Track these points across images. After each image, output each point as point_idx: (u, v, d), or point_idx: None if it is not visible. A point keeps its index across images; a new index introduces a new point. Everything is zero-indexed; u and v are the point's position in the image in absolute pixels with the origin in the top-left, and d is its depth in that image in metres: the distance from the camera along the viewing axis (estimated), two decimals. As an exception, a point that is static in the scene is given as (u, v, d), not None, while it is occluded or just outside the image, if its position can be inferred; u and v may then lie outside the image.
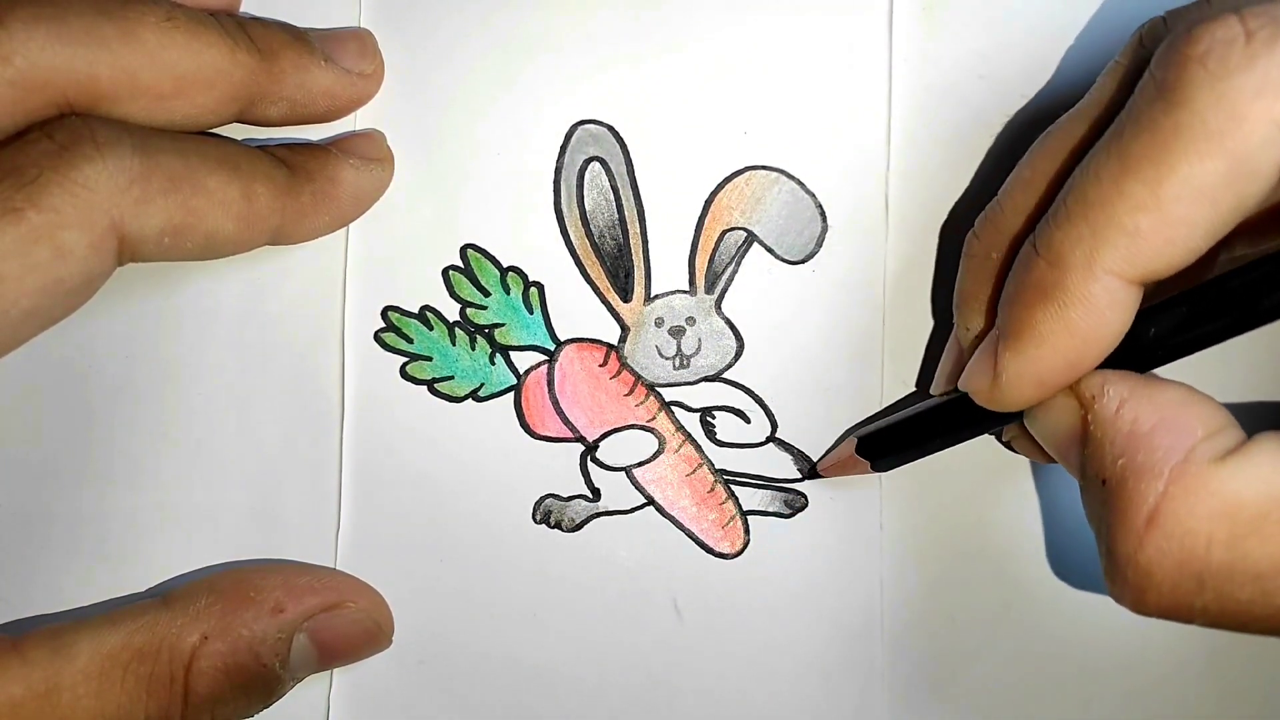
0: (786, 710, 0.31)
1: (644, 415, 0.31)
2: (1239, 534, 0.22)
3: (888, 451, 0.29)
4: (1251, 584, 0.22)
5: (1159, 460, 0.23)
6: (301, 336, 0.31)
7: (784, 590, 0.31)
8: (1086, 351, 0.24)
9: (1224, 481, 0.22)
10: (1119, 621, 0.31)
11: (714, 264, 0.31)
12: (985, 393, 0.26)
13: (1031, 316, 0.24)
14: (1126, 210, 0.23)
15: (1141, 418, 0.24)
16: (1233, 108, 0.22)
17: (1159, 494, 0.23)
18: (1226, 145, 0.22)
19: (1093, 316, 0.24)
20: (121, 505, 0.30)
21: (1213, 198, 0.22)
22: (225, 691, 0.27)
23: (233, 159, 0.27)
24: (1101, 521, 0.24)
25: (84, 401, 0.30)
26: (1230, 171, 0.22)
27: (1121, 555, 0.23)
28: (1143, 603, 0.23)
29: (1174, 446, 0.23)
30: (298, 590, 0.28)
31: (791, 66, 0.30)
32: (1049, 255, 0.24)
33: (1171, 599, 0.23)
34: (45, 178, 0.24)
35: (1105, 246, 0.23)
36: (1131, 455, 0.23)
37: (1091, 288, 0.24)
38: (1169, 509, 0.23)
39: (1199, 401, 0.24)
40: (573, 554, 0.31)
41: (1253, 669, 0.31)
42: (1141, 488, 0.23)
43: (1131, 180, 0.23)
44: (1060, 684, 0.31)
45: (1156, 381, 0.25)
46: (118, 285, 0.26)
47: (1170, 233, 0.23)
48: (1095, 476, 0.24)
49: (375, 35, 0.30)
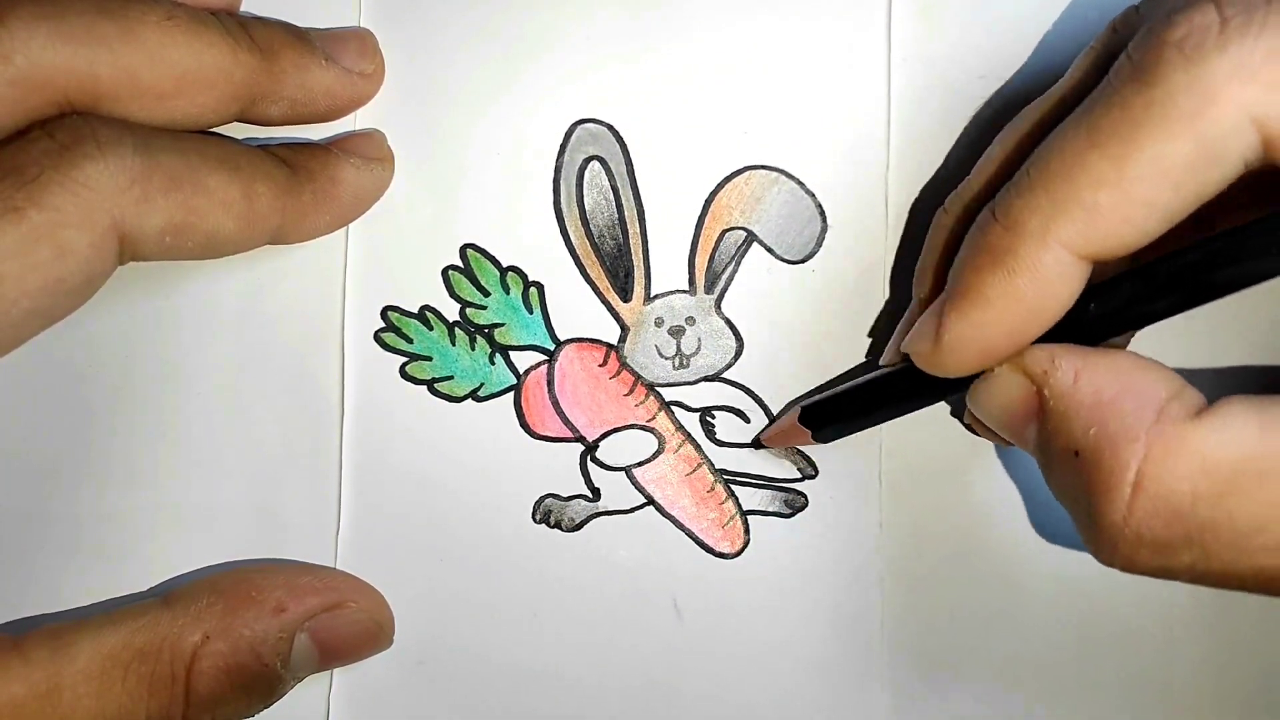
0: (786, 710, 0.31)
1: (644, 415, 0.31)
2: (1220, 491, 0.22)
3: (830, 420, 0.29)
4: (1236, 541, 0.23)
5: (1132, 424, 0.23)
6: (301, 336, 0.31)
7: (784, 590, 0.31)
8: (1030, 321, 0.24)
9: (1202, 440, 0.22)
10: (1119, 619, 0.31)
11: (714, 264, 0.31)
12: (927, 355, 0.26)
13: (979, 280, 0.24)
14: (1088, 184, 0.23)
15: (1103, 385, 0.24)
16: (1205, 90, 0.22)
17: (1140, 457, 0.23)
18: (1196, 128, 0.22)
19: (1039, 286, 0.24)
20: (121, 505, 0.30)
21: (1176, 180, 0.22)
22: (226, 691, 0.27)
23: (233, 158, 0.27)
24: (1079, 492, 0.24)
25: (84, 401, 0.30)
26: (1197, 154, 0.22)
27: (1110, 523, 0.23)
28: (1133, 565, 0.24)
29: (1143, 409, 0.23)
30: (299, 590, 0.28)
31: (791, 66, 0.30)
32: (1005, 221, 0.24)
33: (1162, 559, 0.23)
34: (46, 177, 0.24)
35: (1061, 218, 0.23)
36: (1103, 423, 0.23)
37: (1043, 257, 0.24)
38: (1152, 471, 0.23)
39: (1152, 365, 0.24)
40: (573, 554, 0.31)
41: (1254, 658, 0.31)
42: (1121, 453, 0.23)
43: (1096, 155, 0.23)
44: (1061, 682, 0.31)
45: (1105, 351, 0.25)
46: (118, 285, 0.26)
47: (1128, 211, 0.23)
48: (1064, 450, 0.24)
49: (375, 35, 0.30)
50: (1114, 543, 0.23)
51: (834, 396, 0.29)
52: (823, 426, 0.29)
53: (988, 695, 0.31)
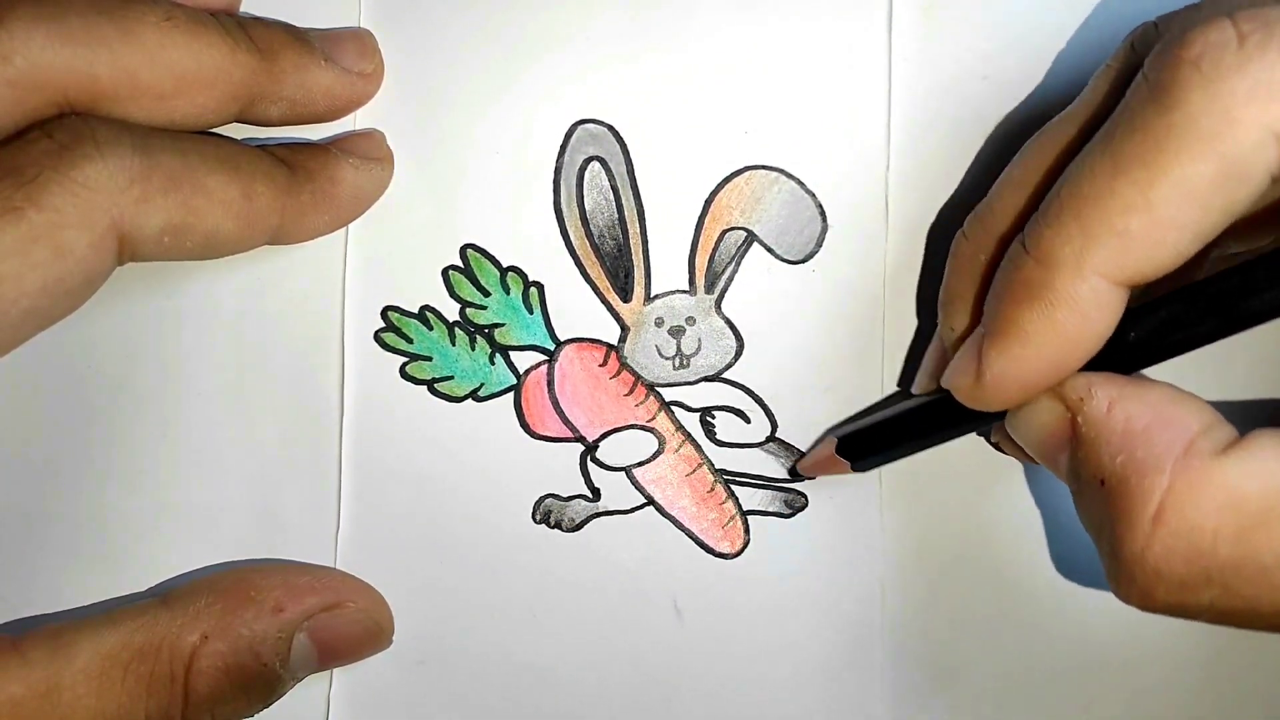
0: (786, 710, 0.31)
1: (644, 415, 0.31)
2: (1245, 527, 0.22)
3: (868, 452, 0.29)
4: (1258, 578, 0.22)
5: (1160, 455, 0.23)
6: (301, 336, 0.31)
7: (784, 590, 0.31)
8: (1072, 353, 0.24)
9: (1227, 474, 0.22)
10: (1120, 621, 0.31)
11: (714, 264, 0.31)
12: (968, 391, 0.26)
13: (1018, 315, 0.24)
14: (1117, 211, 0.23)
15: (1135, 416, 0.24)
16: (1225, 111, 0.22)
17: (1164, 489, 0.22)
18: (1218, 148, 0.22)
19: (1079, 317, 0.24)
20: (121, 505, 0.30)
21: (1203, 201, 0.22)
22: (226, 691, 0.27)
23: (233, 158, 0.27)
24: (1103, 522, 0.24)
25: (84, 401, 0.30)
26: (1221, 174, 0.22)
27: (1128, 554, 0.23)
28: (1151, 600, 0.23)
29: (1173, 441, 0.23)
30: (298, 590, 0.28)
31: (792, 66, 0.30)
32: (1037, 254, 0.24)
33: (1179, 596, 0.23)
34: (45, 177, 0.24)
35: (1094, 247, 0.23)
36: (1130, 452, 0.23)
37: (1079, 288, 0.23)
38: (1175, 504, 0.22)
39: (1188, 399, 0.24)
40: (573, 554, 0.31)
41: (1255, 668, 0.31)
42: (1145, 484, 0.23)
43: (1123, 181, 0.23)
44: (1062, 684, 0.31)
45: (1143, 381, 0.24)
46: (118, 285, 0.26)
47: (1160, 234, 0.23)
48: (1092, 478, 0.24)
49: (375, 35, 0.30)
50: (1132, 576, 0.23)
51: (871, 427, 0.29)
52: (861, 457, 0.29)
53: (987, 695, 0.31)
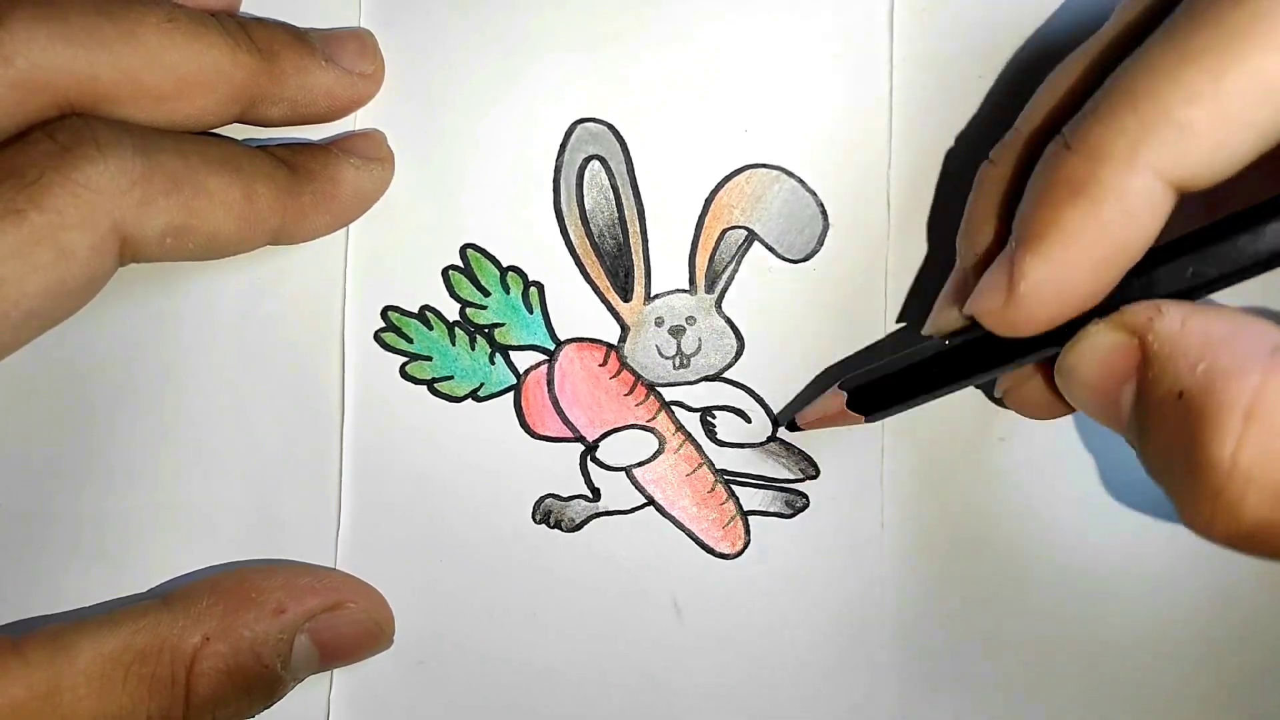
0: (787, 710, 0.31)
1: (644, 415, 0.31)
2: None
3: (883, 401, 0.28)
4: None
5: (1246, 358, 0.21)
6: (301, 336, 0.31)
7: (784, 590, 0.31)
8: (1115, 258, 0.23)
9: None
10: (1123, 619, 0.31)
11: (714, 263, 0.31)
12: (999, 312, 0.24)
13: (1058, 215, 0.23)
14: (1179, 101, 0.21)
15: (1213, 328, 0.22)
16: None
17: (1254, 387, 0.21)
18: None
19: (1127, 217, 0.22)
20: (121, 505, 0.30)
21: (1277, 99, 0.21)
22: (227, 692, 0.27)
23: (234, 159, 0.27)
24: (1181, 440, 0.22)
25: (84, 401, 0.30)
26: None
27: (1216, 461, 0.21)
28: (1239, 515, 0.21)
29: (1259, 345, 0.21)
30: (299, 590, 0.28)
31: (792, 65, 0.30)
32: (1084, 149, 0.22)
33: (1273, 504, 0.21)
34: (47, 179, 0.24)
35: (1152, 139, 0.22)
36: (1214, 359, 0.22)
37: (1131, 183, 0.22)
38: (1268, 402, 0.21)
39: (1260, 318, 0.22)
40: (573, 554, 0.31)
41: (1261, 658, 0.31)
42: (1234, 385, 0.21)
43: (1192, 69, 0.21)
44: (1065, 682, 0.31)
45: (1210, 304, 0.23)
46: (118, 286, 0.26)
47: (1225, 133, 0.21)
48: (1168, 394, 0.22)
49: (375, 35, 0.30)
50: (1218, 489, 0.21)
51: (885, 376, 0.28)
52: (872, 408, 0.28)
53: (990, 695, 0.31)
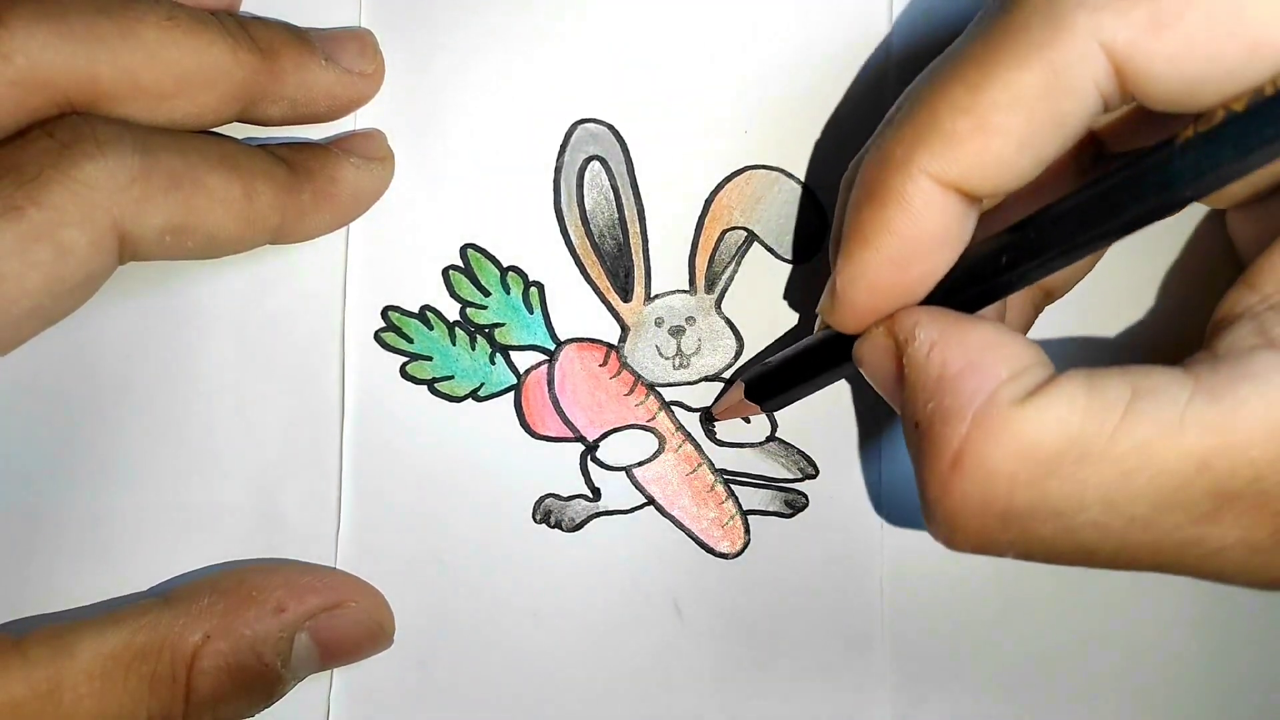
0: (786, 710, 0.31)
1: (644, 415, 0.31)
2: (1038, 475, 0.22)
3: (773, 392, 0.29)
4: (1053, 521, 0.22)
5: (963, 404, 0.23)
6: (301, 336, 0.31)
7: (784, 590, 0.31)
8: (910, 256, 0.24)
9: (1023, 423, 0.22)
10: (1122, 619, 0.31)
11: (714, 263, 0.31)
12: (829, 311, 0.26)
13: (858, 218, 0.24)
14: (945, 111, 0.23)
15: (950, 360, 0.23)
16: (1056, 18, 0.22)
17: (962, 437, 0.23)
18: (1046, 55, 0.22)
19: (909, 217, 0.24)
20: (121, 505, 0.30)
21: (1030, 109, 0.22)
22: (227, 691, 0.27)
23: (233, 158, 0.27)
24: (915, 465, 0.24)
25: (84, 401, 0.30)
26: (1048, 83, 0.22)
27: (930, 498, 0.23)
28: (952, 542, 0.24)
29: (979, 389, 0.23)
30: (299, 589, 0.28)
31: (791, 66, 0.30)
32: (876, 155, 0.24)
33: (978, 537, 0.23)
34: (46, 176, 0.24)
35: (922, 146, 0.23)
36: (940, 399, 0.23)
37: (907, 186, 0.23)
38: (970, 452, 0.22)
39: (1008, 342, 0.24)
40: (573, 554, 0.31)
41: (1257, 658, 0.31)
42: (946, 432, 0.23)
43: (955, 84, 0.23)
44: (1063, 682, 0.31)
45: (968, 321, 0.24)
46: (118, 284, 0.26)
47: (986, 141, 0.23)
48: (910, 419, 0.24)
49: (375, 35, 0.30)
50: (934, 518, 0.23)
51: (773, 369, 0.29)
52: (767, 397, 0.29)
53: (988, 696, 0.31)
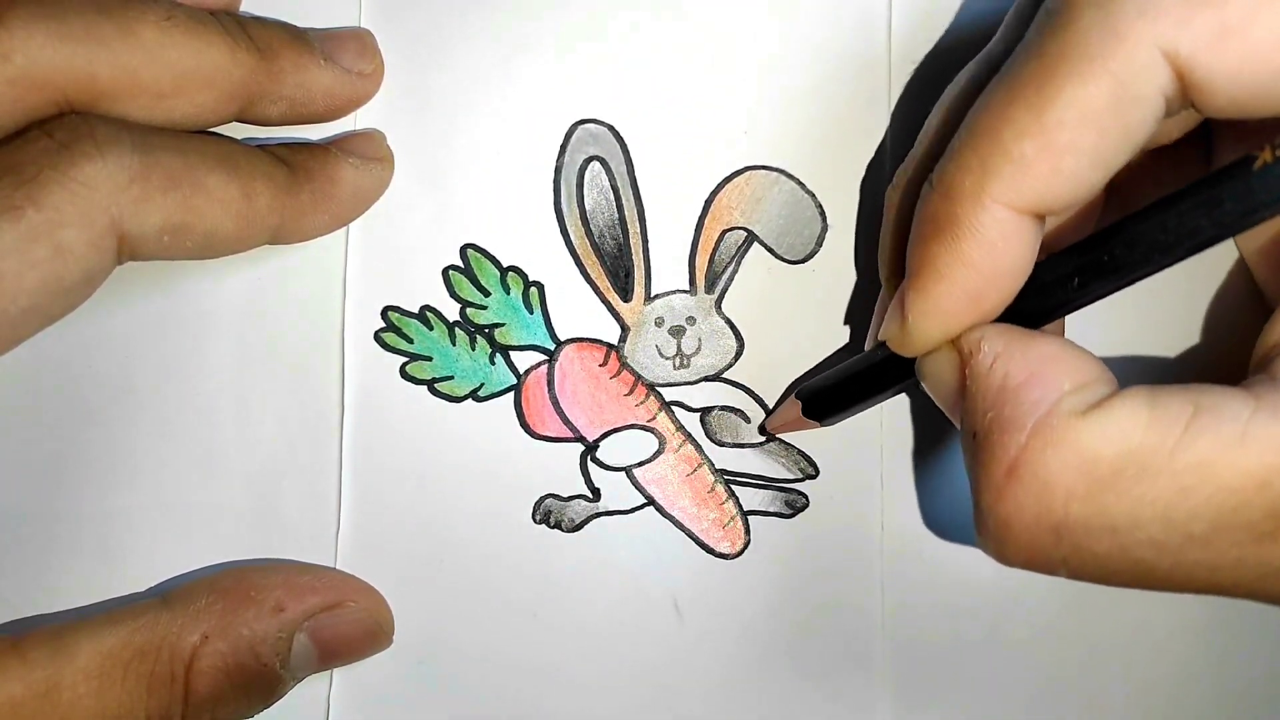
0: (786, 710, 0.31)
1: (644, 415, 0.31)
2: (1095, 489, 0.22)
3: (830, 408, 0.29)
4: (1108, 538, 0.22)
5: (1023, 414, 0.23)
6: (301, 336, 0.31)
7: (784, 590, 0.31)
8: (986, 287, 0.24)
9: (1082, 435, 0.22)
10: (1123, 620, 0.31)
11: (714, 264, 0.31)
12: (897, 339, 0.26)
13: (928, 252, 0.24)
14: (1012, 137, 0.23)
15: (1013, 372, 0.23)
16: (1115, 28, 0.22)
17: (1019, 446, 0.22)
18: (1109, 67, 0.22)
19: (985, 249, 0.24)
20: (121, 505, 0.30)
21: (1098, 124, 0.22)
22: (226, 691, 0.27)
23: (232, 158, 0.27)
24: (971, 474, 0.24)
25: (84, 401, 0.30)
26: (1114, 95, 0.22)
27: (983, 507, 0.23)
28: (1003, 554, 0.24)
29: (1040, 400, 0.23)
30: (299, 589, 0.28)
31: (791, 66, 0.30)
32: (941, 188, 0.24)
33: (1030, 551, 0.23)
34: (45, 176, 0.24)
35: (992, 175, 0.23)
36: (999, 409, 0.23)
37: (981, 218, 0.23)
38: (1027, 462, 0.22)
39: (1072, 355, 0.24)
40: (573, 554, 0.31)
41: (1259, 664, 0.31)
42: (1005, 440, 0.23)
43: (1017, 106, 0.23)
44: (1063, 684, 0.31)
45: (1033, 336, 0.24)
46: (117, 284, 0.26)
47: (1056, 161, 0.23)
48: (969, 430, 0.24)
49: (375, 35, 0.30)
50: (987, 529, 0.23)
51: (831, 385, 0.29)
52: (823, 414, 0.29)
53: (986, 697, 0.31)
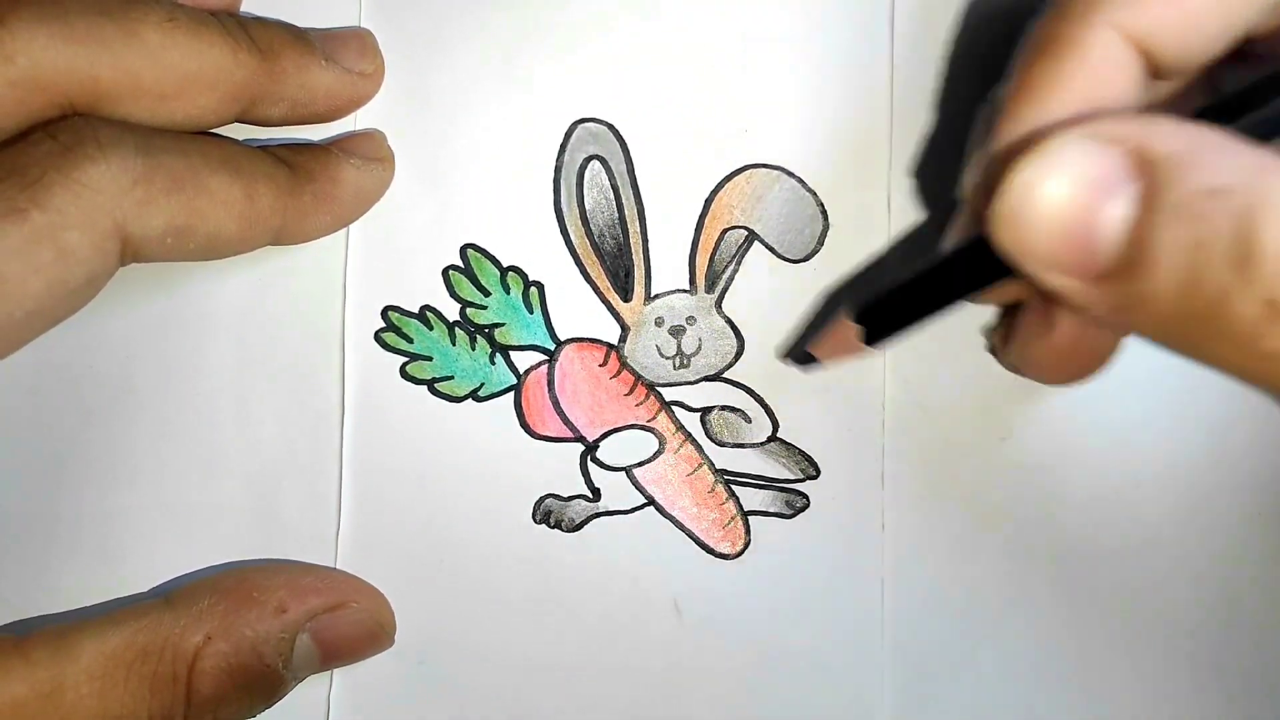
0: (787, 710, 0.31)
1: (644, 415, 0.31)
2: None
3: (889, 325, 0.26)
4: None
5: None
6: (301, 336, 0.31)
7: (784, 590, 0.31)
8: (1083, 113, 0.23)
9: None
10: (1124, 622, 0.31)
11: (714, 263, 0.31)
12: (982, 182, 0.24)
13: (1029, 73, 0.23)
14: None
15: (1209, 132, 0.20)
16: None
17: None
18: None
19: (1088, 72, 0.23)
20: (122, 505, 0.30)
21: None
22: (228, 691, 0.27)
23: (234, 159, 0.27)
24: (1216, 235, 0.18)
25: (84, 401, 0.30)
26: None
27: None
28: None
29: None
30: (301, 590, 0.28)
31: (792, 65, 0.30)
32: (1054, 8, 0.23)
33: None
34: (48, 178, 0.24)
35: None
36: (1235, 154, 0.19)
37: (1088, 36, 0.23)
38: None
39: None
40: (573, 554, 0.31)
41: (1265, 654, 0.31)
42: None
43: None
44: (1065, 682, 0.31)
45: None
46: (118, 285, 0.26)
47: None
48: (1198, 189, 0.19)
49: (375, 35, 0.30)
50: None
51: (890, 295, 0.26)
52: (880, 334, 0.27)
53: (989, 696, 0.31)
